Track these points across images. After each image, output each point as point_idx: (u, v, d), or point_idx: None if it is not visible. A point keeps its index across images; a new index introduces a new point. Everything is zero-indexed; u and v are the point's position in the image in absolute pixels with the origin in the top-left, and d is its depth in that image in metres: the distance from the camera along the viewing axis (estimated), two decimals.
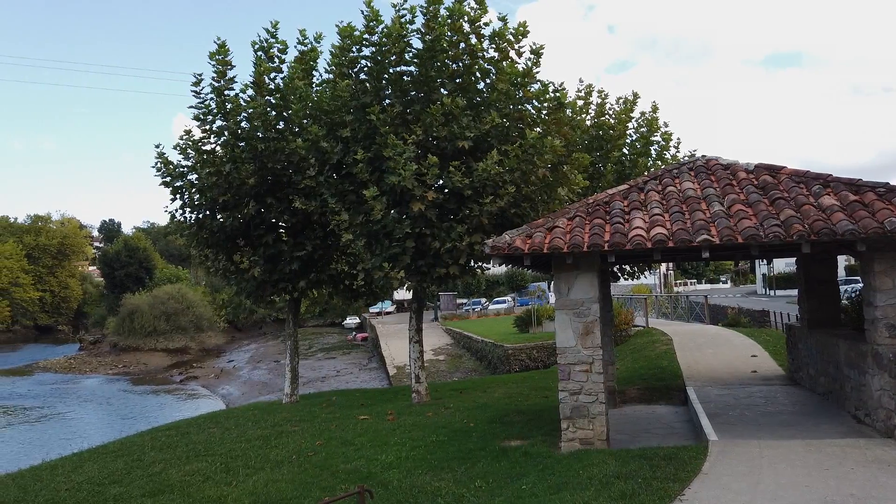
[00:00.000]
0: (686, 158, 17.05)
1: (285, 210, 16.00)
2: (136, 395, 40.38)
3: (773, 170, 10.33)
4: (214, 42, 15.96)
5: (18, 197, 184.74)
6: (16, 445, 26.80)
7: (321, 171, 14.66)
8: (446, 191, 14.08)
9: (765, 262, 57.98)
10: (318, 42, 16.94)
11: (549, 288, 51.03)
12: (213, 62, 15.97)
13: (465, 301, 67.47)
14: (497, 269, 59.16)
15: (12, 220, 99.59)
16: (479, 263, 15.25)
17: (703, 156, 11.59)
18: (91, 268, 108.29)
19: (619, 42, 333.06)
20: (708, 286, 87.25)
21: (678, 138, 20.52)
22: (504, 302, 61.97)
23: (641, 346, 21.63)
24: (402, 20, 13.87)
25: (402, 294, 59.98)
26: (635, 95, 19.92)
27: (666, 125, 20.36)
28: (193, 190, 16.22)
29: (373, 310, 72.41)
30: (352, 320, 73.99)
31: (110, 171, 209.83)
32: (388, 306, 74.85)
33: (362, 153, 13.57)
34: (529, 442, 10.20)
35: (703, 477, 7.39)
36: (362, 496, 6.24)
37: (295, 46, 16.77)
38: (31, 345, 77.69)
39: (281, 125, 15.82)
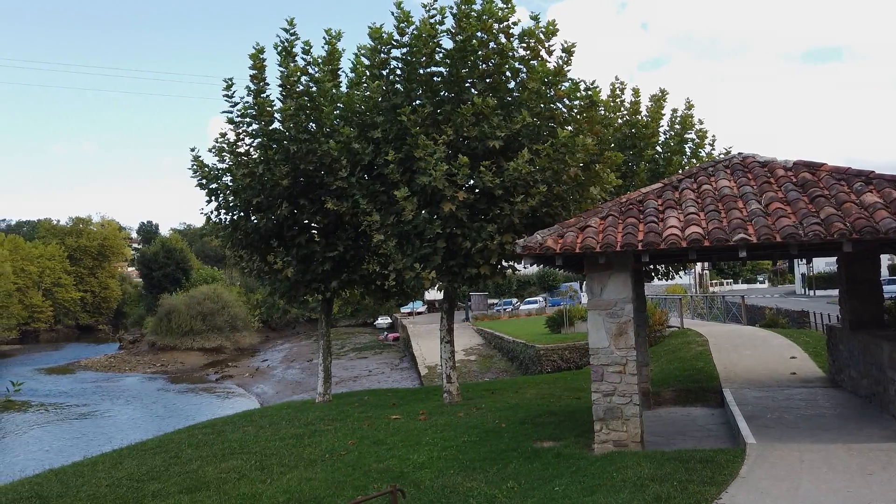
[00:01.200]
0: (722, 156, 16.75)
1: (317, 211, 16.15)
2: (174, 394, 41.20)
3: (813, 167, 10.07)
4: (253, 46, 16.22)
5: (61, 199, 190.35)
6: (59, 442, 27.58)
7: (353, 172, 14.76)
8: (477, 191, 14.05)
9: (804, 261, 56.63)
10: (339, 39, 17.03)
11: (581, 288, 50.62)
12: (251, 65, 16.21)
13: (496, 301, 67.37)
14: (528, 270, 58.90)
15: (55, 222, 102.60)
16: (511, 263, 15.19)
17: (740, 153, 11.36)
18: (130, 269, 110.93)
19: (652, 39, 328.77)
20: (745, 286, 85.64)
21: (713, 135, 20.20)
22: (535, 302, 61.69)
23: (676, 347, 21.29)
24: (433, 21, 13.89)
25: (433, 294, 60.08)
26: (663, 92, 19.64)
27: (701, 122, 20.05)
28: (228, 192, 16.47)
29: (404, 310, 72.70)
30: (383, 320, 74.41)
31: (148, 173, 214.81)
32: (419, 306, 75.07)
33: (393, 154, 13.62)
34: (562, 443, 10.12)
35: (740, 481, 7.23)
36: (394, 495, 6.26)
37: (322, 47, 16.91)
38: (73, 344, 79.85)
39: (313, 127, 15.97)
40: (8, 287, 73.72)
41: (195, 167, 16.58)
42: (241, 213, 16.74)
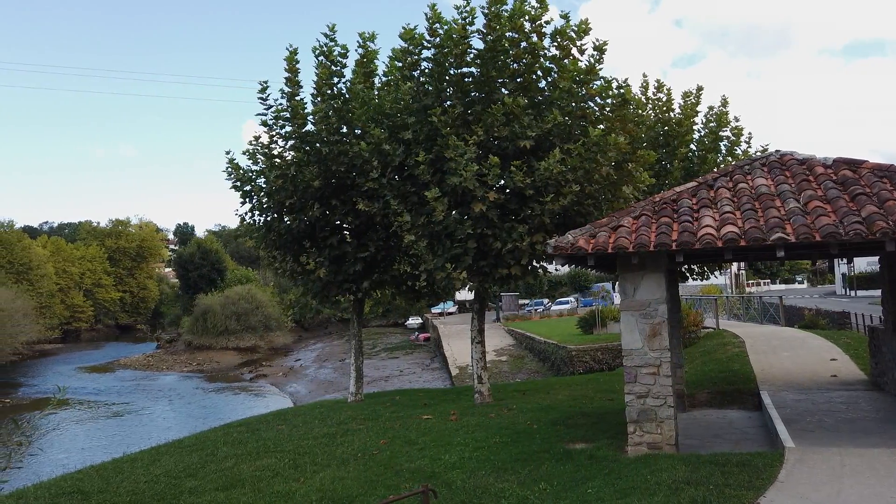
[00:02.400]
0: (758, 154, 16.41)
1: (349, 212, 16.28)
2: (209, 393, 41.91)
3: (854, 164, 9.80)
4: (287, 49, 16.44)
5: (101, 202, 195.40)
6: (99, 438, 28.29)
7: (383, 173, 14.84)
8: (508, 191, 14.01)
9: (845, 261, 55.17)
10: (373, 42, 17.15)
11: (613, 288, 50.08)
12: (286, 69, 16.42)
13: (527, 301, 67.03)
14: (559, 270, 58.47)
15: (95, 224, 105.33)
16: (542, 264, 15.11)
17: (777, 150, 11.11)
18: (167, 269, 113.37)
19: (686, 35, 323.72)
20: (783, 286, 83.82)
21: (749, 133, 19.81)
22: (567, 303, 61.23)
23: (711, 348, 20.94)
24: (464, 21, 13.90)
25: (464, 294, 60.07)
26: (699, 89, 19.33)
27: (736, 119, 19.68)
28: (262, 193, 16.70)
29: (435, 310, 72.83)
30: (414, 320, 74.61)
31: (184, 176, 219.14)
32: (450, 307, 75.11)
33: (424, 155, 13.66)
34: (595, 445, 10.02)
35: (779, 485, 7.08)
36: (426, 495, 6.27)
37: (356, 50, 17.06)
38: (113, 343, 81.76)
39: (344, 129, 16.10)
40: (50, 287, 75.88)
41: (230, 169, 16.85)
42: (275, 215, 16.96)
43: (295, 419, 15.14)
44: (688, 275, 19.02)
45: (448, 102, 14.33)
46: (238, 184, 16.86)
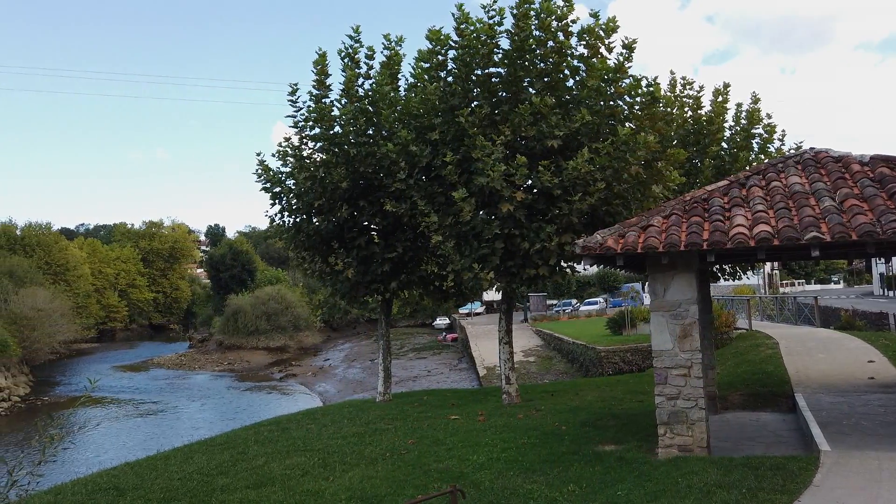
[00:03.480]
0: (792, 151, 16.08)
1: (377, 213, 16.37)
2: (240, 392, 42.48)
3: (891, 161, 9.54)
4: (316, 52, 16.60)
5: (135, 204, 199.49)
6: (133, 436, 28.88)
7: (411, 174, 14.88)
8: (535, 191, 13.95)
9: (882, 260, 53.79)
10: (400, 45, 17.23)
11: (643, 289, 49.56)
12: (314, 71, 16.59)
13: (555, 302, 66.66)
14: (588, 270, 58.05)
15: (130, 226, 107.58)
16: (570, 264, 15.01)
17: (812, 148, 10.88)
18: (199, 270, 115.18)
19: (718, 31, 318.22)
20: (818, 286, 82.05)
21: (783, 130, 19.40)
22: (595, 303, 60.71)
23: (744, 349, 20.58)
24: (492, 21, 13.88)
25: (492, 295, 59.89)
26: (726, 86, 19.01)
27: (769, 116, 19.30)
28: (291, 195, 16.88)
29: (462, 310, 72.82)
30: (442, 321, 74.67)
31: (216, 178, 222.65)
32: (477, 307, 75.02)
33: (451, 155, 13.67)
34: (624, 447, 9.93)
35: (814, 490, 6.93)
36: (454, 496, 6.27)
37: (381, 52, 17.15)
38: (146, 342, 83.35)
39: (371, 130, 16.20)
40: (87, 288, 77.67)
41: (260, 171, 17.07)
42: (304, 216, 17.13)
43: (324, 418, 15.27)
44: (719, 275, 18.72)
45: (475, 103, 14.33)
46: (268, 185, 17.06)
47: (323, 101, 16.58)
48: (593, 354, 29.49)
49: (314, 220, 17.05)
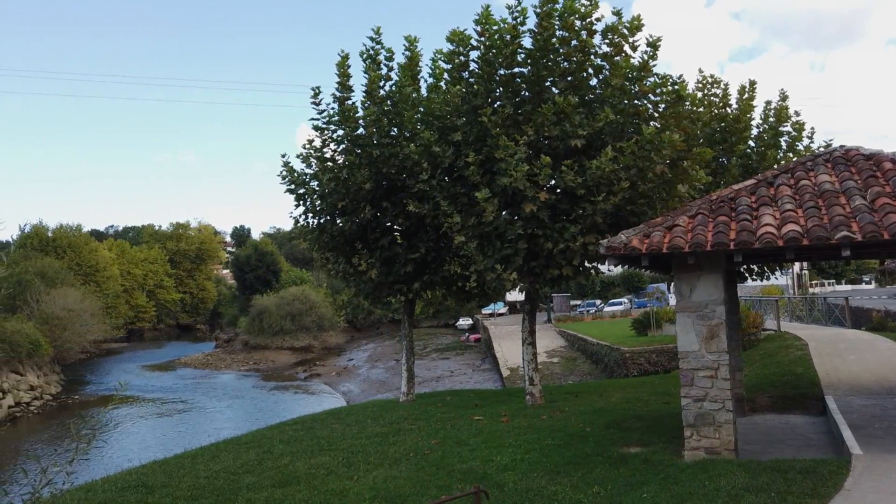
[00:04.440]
0: (821, 149, 15.80)
1: (400, 213, 16.42)
2: (265, 391, 42.90)
3: None
4: (338, 54, 16.72)
5: (162, 206, 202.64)
6: (161, 434, 29.31)
7: (433, 174, 14.91)
8: (559, 191, 13.89)
9: None
10: (415, 45, 17.28)
11: (668, 289, 49.04)
12: (337, 73, 16.71)
13: (578, 302, 66.28)
14: (612, 270, 57.59)
15: (157, 227, 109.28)
16: (594, 264, 14.91)
17: (842, 146, 10.67)
18: (224, 271, 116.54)
19: (745, 28, 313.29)
20: (849, 287, 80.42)
21: (811, 128, 19.04)
22: (620, 304, 60.23)
23: (772, 351, 20.26)
24: (515, 21, 13.85)
25: (515, 295, 59.72)
26: (753, 83, 18.72)
27: (797, 114, 18.96)
28: (315, 196, 17.01)
29: (485, 311, 72.72)
30: (465, 321, 74.65)
31: (241, 179, 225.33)
32: (500, 308, 74.86)
33: (473, 156, 13.66)
34: (650, 449, 9.83)
35: (844, 494, 6.80)
36: (478, 496, 6.27)
37: (402, 53, 17.20)
38: (174, 342, 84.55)
39: (394, 131, 16.26)
40: (116, 289, 79.02)
41: (284, 173, 17.23)
42: (328, 217, 17.25)
43: (348, 418, 15.35)
44: (747, 275, 18.44)
45: (498, 103, 14.30)
46: (292, 187, 17.21)
47: (346, 102, 16.69)
48: (618, 355, 29.26)
49: (338, 221, 17.16)
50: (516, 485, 8.65)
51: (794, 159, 13.85)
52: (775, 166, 15.29)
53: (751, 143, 18.85)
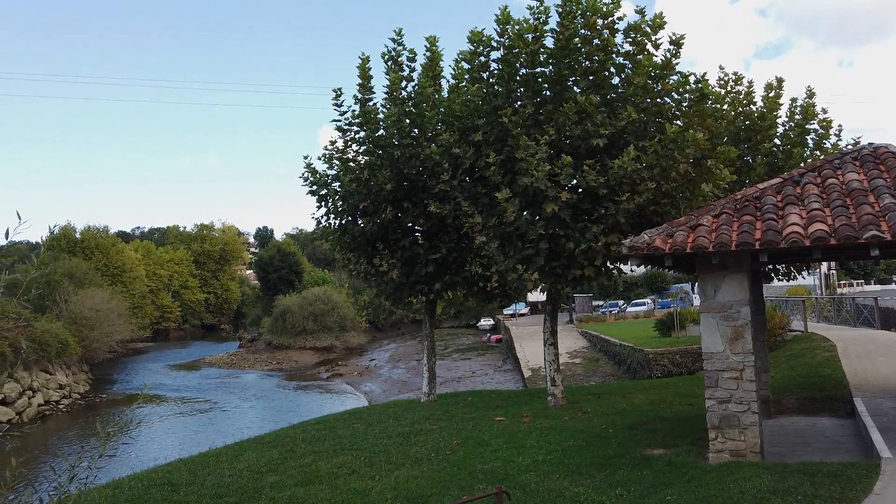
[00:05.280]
0: (849, 147, 15.52)
1: (420, 214, 16.45)
2: (288, 391, 43.24)
3: None
4: (359, 56, 16.82)
5: (187, 207, 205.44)
6: (186, 433, 29.68)
7: (454, 175, 14.91)
8: (580, 190, 13.81)
9: None
10: (436, 45, 17.31)
11: (692, 289, 48.48)
12: (358, 75, 16.81)
13: (601, 303, 65.80)
14: (635, 271, 57.11)
15: (182, 228, 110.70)
16: (616, 264, 14.80)
17: (871, 143, 10.47)
18: (248, 271, 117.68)
19: (771, 25, 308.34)
20: (878, 287, 78.90)
21: (839, 125, 18.71)
22: (643, 304, 59.71)
23: (799, 352, 19.94)
24: (538, 20, 13.81)
25: (536, 296, 59.49)
26: (779, 80, 18.44)
27: (824, 111, 18.64)
28: (337, 197, 17.12)
29: (507, 311, 72.53)
30: (486, 322, 74.54)
31: (264, 181, 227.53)
32: (521, 308, 74.62)
33: (494, 156, 13.64)
34: (674, 451, 9.73)
35: (874, 498, 6.67)
36: (500, 497, 6.25)
37: (423, 54, 17.24)
38: (198, 342, 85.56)
39: (415, 132, 16.30)
40: (142, 289, 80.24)
41: (307, 174, 17.36)
42: (349, 218, 17.35)
43: (370, 418, 15.41)
44: (773, 275, 18.18)
45: (518, 103, 14.26)
46: (314, 188, 17.33)
47: (367, 104, 16.77)
48: (641, 356, 28.99)
49: (359, 222, 17.24)
50: (538, 486, 8.61)
51: (822, 157, 13.60)
52: (802, 165, 15.05)
53: (776, 141, 18.58)
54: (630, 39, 14.01)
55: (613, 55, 14.01)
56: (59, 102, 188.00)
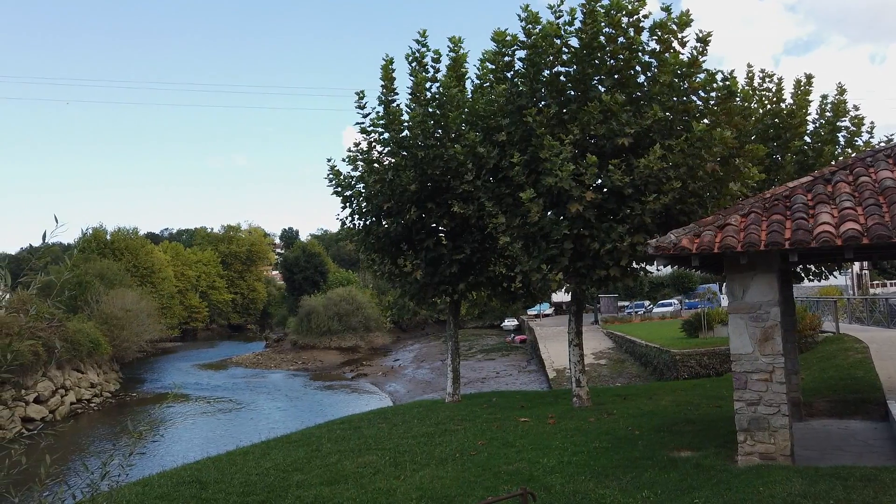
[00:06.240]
0: (882, 144, 15.17)
1: (444, 214, 16.47)
2: (314, 390, 43.59)
3: None
4: (383, 58, 16.90)
5: (215, 209, 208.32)
6: (214, 432, 30.07)
7: (478, 175, 14.90)
8: (605, 190, 13.71)
9: None
10: (460, 46, 17.31)
11: (720, 290, 47.84)
12: (382, 77, 16.89)
13: (626, 304, 65.25)
14: (661, 271, 56.49)
15: (209, 230, 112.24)
16: (642, 265, 14.66)
17: None
18: (274, 272, 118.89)
19: (801, 20, 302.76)
20: None
21: (871, 122, 18.34)
22: (670, 305, 59.08)
23: (831, 353, 19.55)
24: (561, 20, 13.75)
25: (561, 296, 59.21)
26: (809, 77, 18.11)
27: (856, 108, 18.27)
28: (361, 198, 17.22)
29: (531, 312, 72.28)
30: (510, 322, 74.40)
31: (289, 182, 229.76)
32: (546, 309, 74.31)
33: (518, 156, 13.60)
34: (701, 453, 9.61)
35: None
36: (525, 498, 6.23)
37: (447, 54, 17.25)
38: (226, 342, 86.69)
39: (439, 133, 16.32)
40: (170, 290, 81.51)
41: (331, 176, 17.48)
42: (373, 218, 17.43)
43: (394, 418, 15.46)
44: (803, 275, 17.86)
45: (542, 102, 14.21)
46: (339, 189, 17.45)
47: (391, 105, 16.84)
48: (668, 357, 28.68)
49: (383, 223, 17.32)
50: (563, 487, 8.56)
51: (853, 155, 13.32)
52: (833, 163, 14.76)
53: (806, 138, 18.27)
54: (656, 37, 13.87)
55: (639, 53, 13.89)
56: (94, 107, 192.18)
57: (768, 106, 18.36)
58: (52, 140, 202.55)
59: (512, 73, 14.74)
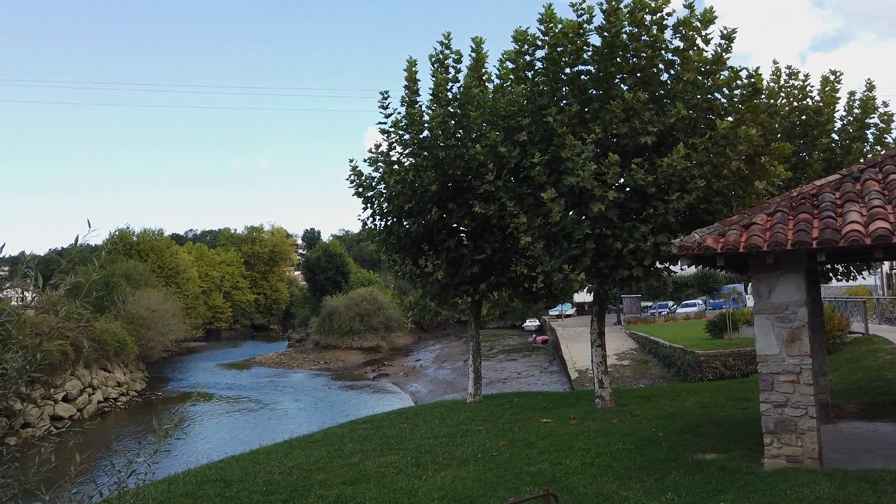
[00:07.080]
0: None
1: (465, 215, 16.46)
2: (336, 390, 43.83)
3: None
4: (406, 60, 16.98)
5: (238, 210, 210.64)
6: (238, 431, 30.38)
7: (499, 175, 14.87)
8: (628, 189, 13.59)
9: None
10: (482, 46, 17.31)
11: (745, 290, 47.18)
12: (405, 78, 16.95)
13: (650, 304, 64.63)
14: (685, 271, 55.87)
15: (233, 231, 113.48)
16: (666, 265, 14.51)
17: None
18: (296, 272, 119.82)
19: (829, 16, 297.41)
20: None
21: None
22: (694, 305, 58.39)
23: (860, 355, 19.19)
24: (581, 19, 13.67)
25: (583, 297, 58.86)
26: (836, 74, 17.78)
27: (885, 105, 17.91)
28: (382, 199, 17.29)
29: (552, 312, 71.93)
30: (532, 323, 74.11)
31: (311, 183, 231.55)
32: (567, 309, 73.91)
33: (539, 156, 13.54)
34: (727, 456, 9.48)
35: None
36: (547, 499, 6.20)
37: (469, 55, 17.26)
38: (249, 342, 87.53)
39: (460, 133, 16.32)
40: (195, 290, 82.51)
41: (353, 176, 17.58)
42: (395, 219, 17.49)
43: (416, 418, 15.48)
44: (831, 275, 17.55)
45: (564, 101, 14.13)
46: (360, 190, 17.54)
47: (413, 106, 16.89)
48: (692, 358, 28.36)
49: (404, 223, 17.36)
50: (586, 489, 8.50)
51: (883, 152, 13.05)
52: (861, 160, 14.47)
53: (834, 136, 17.94)
54: (679, 35, 13.73)
55: (662, 51, 13.75)
56: (122, 111, 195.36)
57: (794, 103, 18.08)
58: (80, 143, 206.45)
59: (532, 72, 14.68)
